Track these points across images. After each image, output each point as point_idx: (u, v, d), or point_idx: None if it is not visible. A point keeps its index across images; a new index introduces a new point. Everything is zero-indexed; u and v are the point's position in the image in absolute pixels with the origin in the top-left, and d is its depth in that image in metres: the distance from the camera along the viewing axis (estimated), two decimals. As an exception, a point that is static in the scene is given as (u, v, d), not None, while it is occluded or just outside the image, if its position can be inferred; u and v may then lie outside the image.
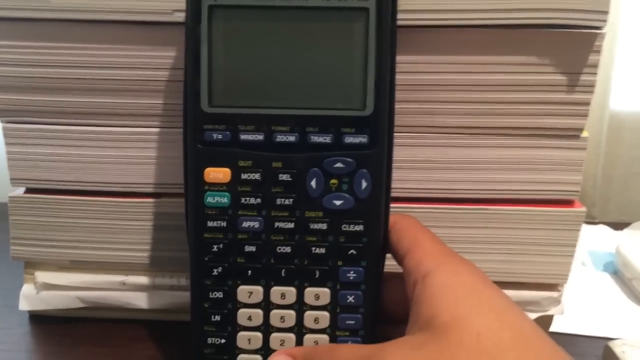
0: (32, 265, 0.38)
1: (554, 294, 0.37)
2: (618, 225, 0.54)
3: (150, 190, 0.36)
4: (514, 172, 0.35)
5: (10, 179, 0.36)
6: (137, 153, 0.35)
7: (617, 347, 0.35)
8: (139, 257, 0.37)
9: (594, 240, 0.51)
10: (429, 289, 0.26)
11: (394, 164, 0.30)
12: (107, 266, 0.37)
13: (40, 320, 0.39)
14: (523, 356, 0.22)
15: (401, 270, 0.29)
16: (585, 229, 0.51)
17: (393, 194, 0.30)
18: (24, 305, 0.38)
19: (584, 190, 0.59)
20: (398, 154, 0.31)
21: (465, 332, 0.23)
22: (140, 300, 0.38)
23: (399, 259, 0.29)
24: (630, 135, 0.63)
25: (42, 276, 0.38)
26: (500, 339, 0.23)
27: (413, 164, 0.35)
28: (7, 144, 0.36)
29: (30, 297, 0.38)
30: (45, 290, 0.38)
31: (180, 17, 0.32)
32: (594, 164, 0.62)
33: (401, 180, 0.35)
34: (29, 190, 0.37)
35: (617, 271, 0.46)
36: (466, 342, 0.23)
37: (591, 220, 0.58)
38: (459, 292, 0.25)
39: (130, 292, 0.38)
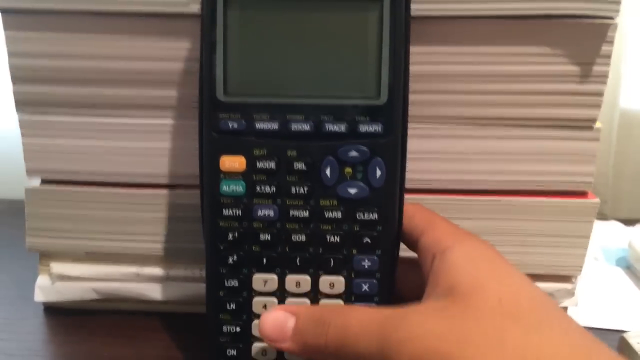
0: (47, 256, 0.38)
1: (568, 285, 0.37)
2: (630, 222, 0.54)
3: (165, 181, 0.36)
4: (527, 163, 0.35)
5: (26, 170, 0.36)
6: (152, 144, 0.36)
7: (632, 339, 0.35)
8: (153, 248, 0.37)
9: (606, 235, 0.51)
10: (449, 261, 0.26)
11: (407, 155, 0.30)
12: (122, 257, 0.38)
13: (54, 311, 0.39)
14: (542, 319, 0.23)
15: (413, 256, 0.30)
16: (597, 225, 0.51)
17: (406, 185, 0.31)
18: (39, 297, 0.38)
19: (595, 188, 0.59)
20: (411, 144, 0.31)
21: (487, 297, 0.24)
22: (154, 292, 0.38)
23: (413, 241, 0.30)
24: (641, 132, 0.63)
25: (57, 267, 0.38)
26: (520, 304, 0.24)
27: (426, 154, 0.35)
28: (23, 135, 0.36)
29: (45, 288, 0.38)
30: (60, 282, 0.38)
31: (195, 8, 0.32)
32: (605, 161, 0.62)
33: (414, 171, 0.35)
34: (44, 182, 0.37)
35: (629, 266, 0.46)
36: (489, 305, 0.24)
37: (603, 217, 0.58)
38: (478, 264, 0.26)
39: (145, 283, 0.38)
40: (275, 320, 0.27)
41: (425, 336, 0.23)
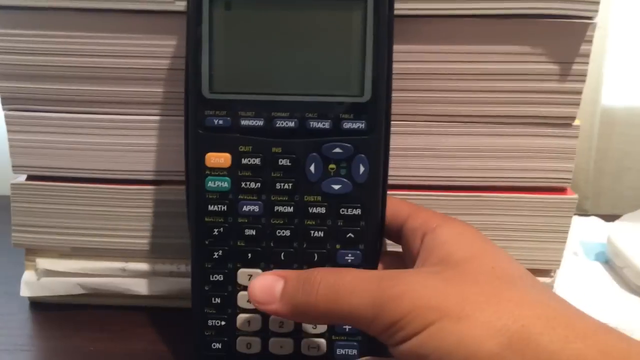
0: (33, 252, 0.38)
1: (547, 279, 0.38)
2: (609, 218, 0.55)
3: (150, 177, 0.37)
4: (508, 159, 0.36)
5: (12, 166, 0.37)
6: (137, 140, 0.36)
7: (608, 331, 0.35)
8: (139, 244, 0.38)
9: (586, 231, 0.52)
10: (440, 237, 0.27)
11: (390, 152, 0.31)
12: (108, 253, 0.38)
13: (40, 306, 0.39)
14: (534, 285, 0.25)
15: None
16: (577, 221, 0.52)
17: (389, 182, 0.31)
18: (25, 292, 0.39)
19: (576, 184, 0.60)
20: (393, 141, 0.32)
21: (480, 265, 0.25)
22: (140, 287, 0.38)
23: (397, 227, 0.30)
24: (622, 130, 0.64)
25: (43, 263, 0.38)
26: (512, 272, 0.25)
27: (408, 151, 0.36)
28: (9, 131, 0.36)
29: (31, 283, 0.38)
30: (46, 277, 0.38)
31: (181, 5, 0.32)
32: (586, 158, 0.63)
33: (396, 168, 0.35)
34: (30, 178, 0.37)
35: (608, 260, 0.47)
36: (483, 271, 0.25)
37: (583, 213, 0.59)
38: (469, 239, 0.27)
39: (130, 278, 0.38)
40: (264, 283, 0.27)
41: (422, 292, 0.23)
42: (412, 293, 0.23)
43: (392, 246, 0.34)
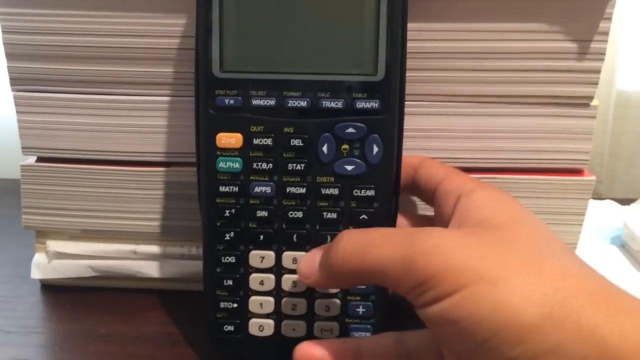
0: (43, 234, 0.38)
1: (563, 263, 0.37)
2: (624, 202, 0.54)
3: (161, 159, 0.36)
4: (524, 140, 0.35)
5: (22, 148, 0.36)
6: (148, 122, 0.35)
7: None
8: (149, 226, 0.37)
9: (601, 215, 0.51)
10: (477, 200, 0.26)
11: (404, 133, 0.30)
12: (119, 235, 0.38)
13: (51, 289, 0.39)
14: (576, 259, 0.23)
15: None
16: (593, 204, 0.52)
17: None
18: (36, 274, 0.38)
19: (591, 168, 0.59)
20: (408, 122, 0.31)
21: (521, 232, 0.24)
22: (151, 269, 0.38)
23: (430, 189, 0.30)
24: (637, 113, 0.63)
25: (54, 245, 0.38)
26: (554, 244, 0.24)
27: (422, 132, 0.35)
28: (18, 112, 0.36)
29: (42, 266, 0.38)
30: (56, 259, 0.38)
31: (191, -17, 0.32)
32: (600, 141, 0.62)
33: (411, 149, 0.35)
34: (40, 159, 0.37)
35: (624, 244, 0.46)
36: (524, 238, 0.23)
37: (598, 197, 0.58)
38: (507, 204, 0.26)
39: (141, 261, 0.38)
40: (308, 257, 0.27)
41: (456, 250, 0.22)
42: (444, 250, 0.22)
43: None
